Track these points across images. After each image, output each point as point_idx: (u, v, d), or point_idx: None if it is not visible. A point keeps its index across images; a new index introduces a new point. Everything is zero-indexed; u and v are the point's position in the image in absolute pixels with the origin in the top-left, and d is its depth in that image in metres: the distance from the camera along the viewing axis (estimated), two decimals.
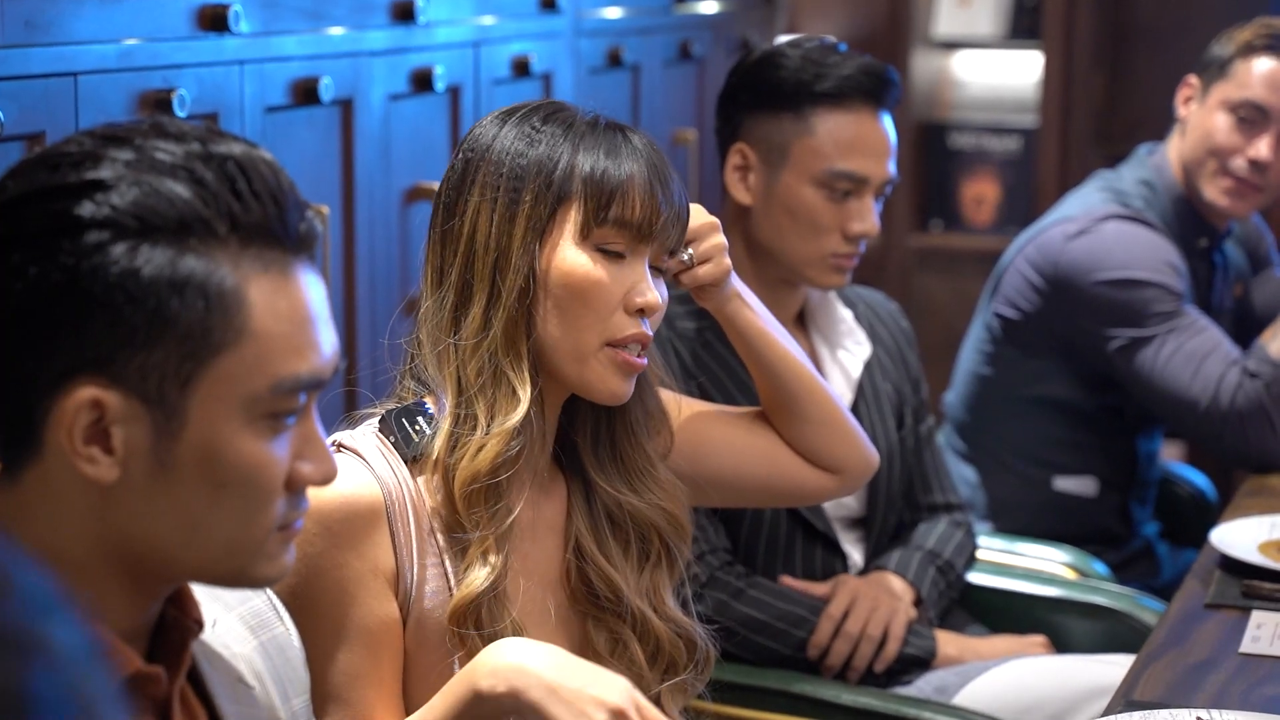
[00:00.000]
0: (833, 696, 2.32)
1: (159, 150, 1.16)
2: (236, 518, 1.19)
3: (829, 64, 2.44)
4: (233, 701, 1.32)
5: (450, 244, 1.69)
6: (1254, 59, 3.05)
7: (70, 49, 1.90)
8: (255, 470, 1.18)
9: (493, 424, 1.65)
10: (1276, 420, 2.85)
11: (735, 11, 3.76)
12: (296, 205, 1.20)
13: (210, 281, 1.14)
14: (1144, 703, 1.90)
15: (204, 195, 1.15)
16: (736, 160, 2.48)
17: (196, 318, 1.14)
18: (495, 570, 1.63)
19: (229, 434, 1.17)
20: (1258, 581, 2.26)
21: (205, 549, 1.19)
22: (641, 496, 1.76)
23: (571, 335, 1.67)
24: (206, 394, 1.16)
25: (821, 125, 2.42)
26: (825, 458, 1.94)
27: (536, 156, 1.67)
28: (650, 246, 1.69)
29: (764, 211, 2.46)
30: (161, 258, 1.13)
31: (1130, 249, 2.96)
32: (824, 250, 2.42)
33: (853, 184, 2.42)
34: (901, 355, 2.62)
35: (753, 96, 2.48)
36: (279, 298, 1.18)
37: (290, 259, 1.19)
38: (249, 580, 1.24)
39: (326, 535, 1.62)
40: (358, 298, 2.44)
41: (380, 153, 2.48)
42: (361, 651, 1.63)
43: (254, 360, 1.16)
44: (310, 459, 1.22)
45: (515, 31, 2.84)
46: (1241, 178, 3.04)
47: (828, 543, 2.49)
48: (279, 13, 2.24)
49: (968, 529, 2.65)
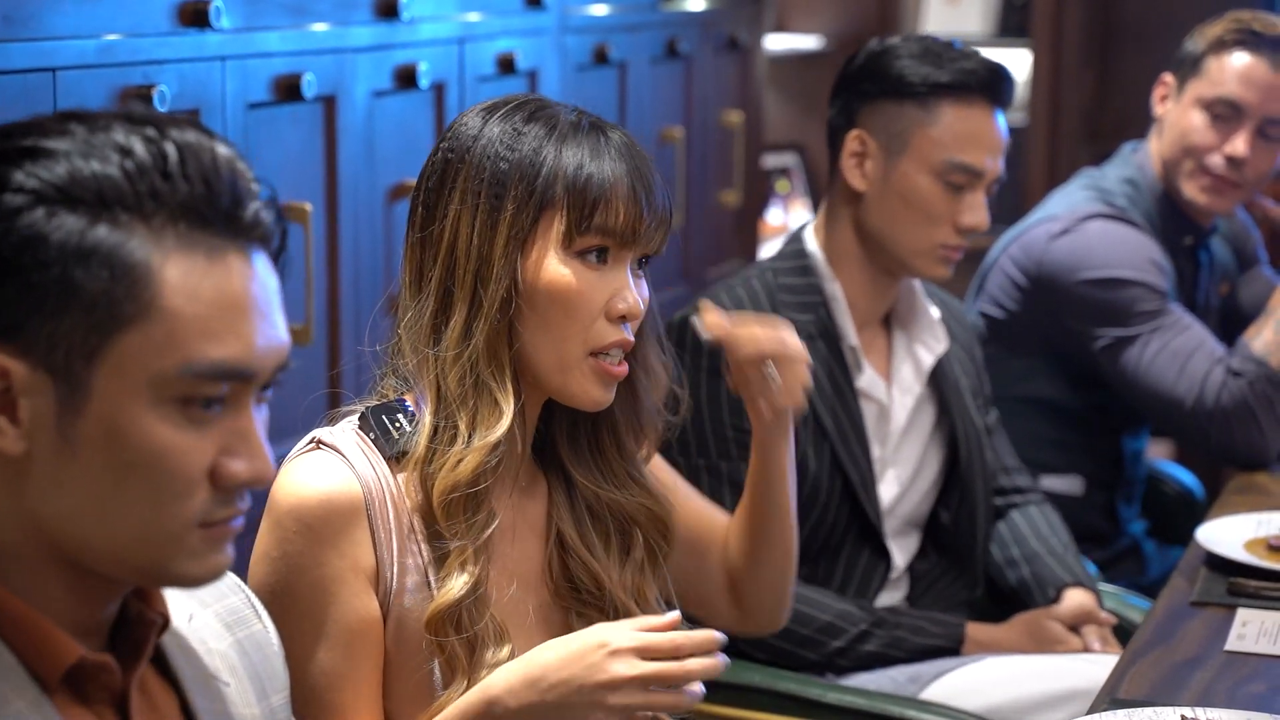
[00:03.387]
0: (818, 695, 2.32)
1: (112, 130, 1.16)
2: (145, 504, 1.16)
3: (951, 57, 2.49)
4: (206, 697, 1.31)
5: (430, 249, 1.68)
6: (1226, 55, 3.03)
7: (49, 44, 1.89)
8: (161, 454, 1.15)
9: (474, 436, 1.63)
10: (1262, 418, 2.84)
11: (723, 9, 3.76)
12: (237, 191, 1.18)
13: (118, 253, 1.14)
14: (1129, 700, 1.89)
15: (130, 172, 1.15)
16: (855, 146, 2.51)
17: (101, 288, 1.13)
18: (472, 579, 1.62)
19: (134, 413, 1.15)
20: (1243, 579, 2.25)
21: (116, 536, 1.17)
22: (621, 492, 1.75)
23: (555, 345, 1.66)
24: (112, 369, 1.14)
25: (944, 117, 2.47)
26: (750, 597, 1.98)
27: (518, 161, 1.65)
28: (633, 251, 1.68)
29: (878, 199, 2.49)
30: (72, 225, 1.13)
31: (1114, 248, 2.96)
32: (935, 240, 2.47)
33: (968, 177, 2.47)
34: (970, 351, 2.69)
35: (875, 85, 2.52)
36: (202, 279, 1.16)
37: (224, 244, 1.17)
38: (172, 577, 1.20)
39: (306, 533, 1.61)
40: (341, 295, 2.43)
41: (364, 150, 2.47)
42: (342, 650, 1.62)
43: (163, 339, 1.15)
44: (241, 455, 1.19)
45: (500, 28, 2.83)
46: (1219, 175, 3.04)
47: (876, 545, 2.50)
48: (261, 8, 2.23)
49: (1047, 503, 2.76)
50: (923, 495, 2.57)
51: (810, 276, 2.50)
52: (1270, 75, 3.01)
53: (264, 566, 1.63)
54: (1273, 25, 3.06)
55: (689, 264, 3.59)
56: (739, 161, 3.79)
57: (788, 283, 2.50)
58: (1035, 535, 2.65)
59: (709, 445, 2.41)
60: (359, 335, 2.39)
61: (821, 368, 2.45)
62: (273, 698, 1.40)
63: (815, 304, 2.48)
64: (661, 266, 3.42)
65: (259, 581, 1.63)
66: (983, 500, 2.58)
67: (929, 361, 2.56)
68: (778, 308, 2.47)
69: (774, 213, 4.80)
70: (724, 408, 2.41)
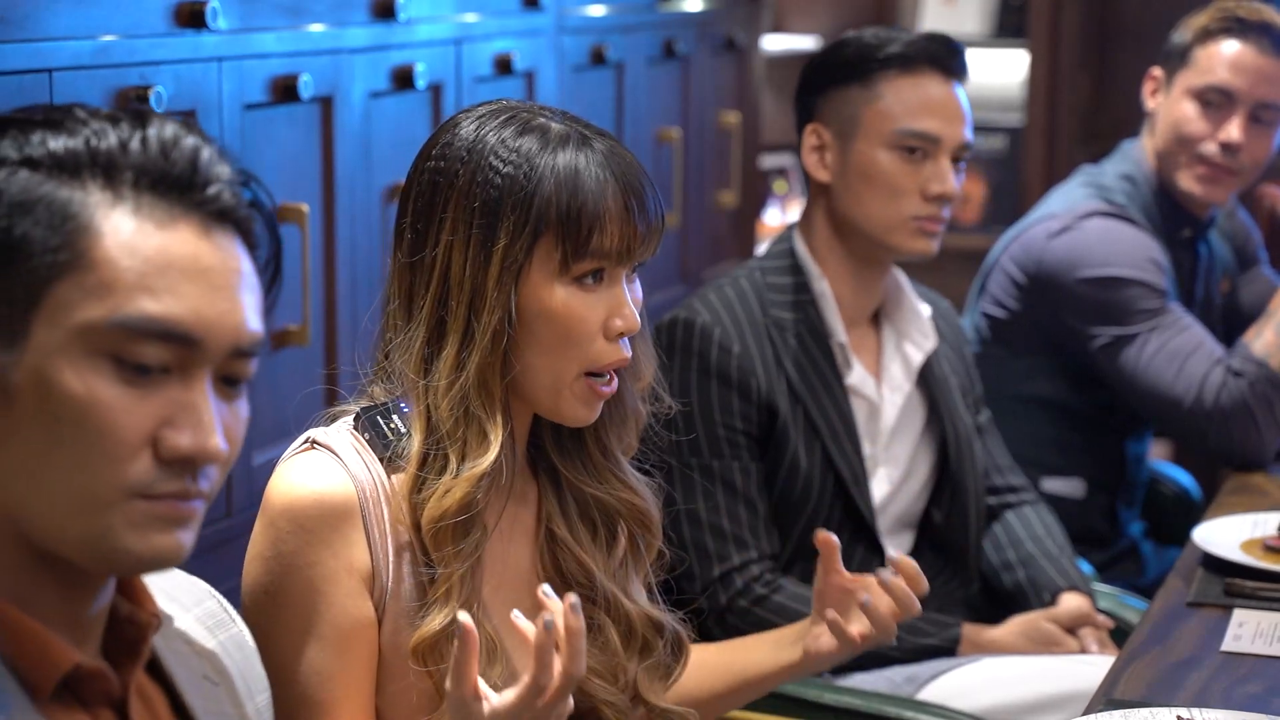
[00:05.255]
0: (815, 696, 2.32)
1: (93, 120, 1.18)
2: (77, 462, 1.15)
3: (892, 37, 2.51)
4: (200, 697, 1.31)
5: (421, 275, 1.66)
6: (1213, 43, 3.04)
7: (46, 45, 1.89)
8: (89, 408, 1.14)
9: (462, 467, 1.63)
10: (1261, 418, 2.84)
11: (720, 9, 3.76)
12: (198, 166, 1.19)
13: (60, 205, 1.15)
14: (1125, 701, 1.89)
15: (94, 145, 1.17)
16: (812, 141, 2.54)
17: (40, 236, 1.14)
18: (457, 607, 1.60)
19: (63, 363, 1.14)
20: (1240, 580, 2.25)
21: (52, 499, 1.15)
22: (604, 487, 1.75)
23: (551, 367, 1.65)
24: (46, 319, 1.14)
25: (888, 90, 2.48)
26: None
27: (508, 189, 1.63)
28: (628, 266, 1.68)
29: (843, 185, 2.51)
30: (23, 182, 1.15)
31: (1113, 246, 2.96)
32: (904, 213, 2.47)
33: (924, 143, 2.47)
34: (959, 350, 2.68)
35: (821, 76, 2.55)
36: (146, 239, 1.16)
37: (180, 213, 1.17)
38: (114, 552, 1.17)
39: (300, 533, 1.61)
40: (338, 296, 2.43)
41: (361, 151, 2.47)
42: (334, 650, 1.61)
43: (94, 287, 1.14)
44: (184, 428, 1.17)
45: (497, 29, 2.83)
46: (1215, 163, 3.04)
47: (869, 543, 2.50)
48: (258, 9, 2.23)
49: (1042, 503, 2.76)
50: (915, 494, 2.58)
51: (798, 275, 2.51)
52: (1259, 59, 3.02)
53: (258, 566, 1.63)
54: (1258, 11, 3.07)
55: (686, 265, 3.59)
56: (736, 162, 3.79)
57: (776, 281, 2.51)
58: (1031, 538, 2.65)
59: (701, 445, 2.41)
60: (355, 336, 2.39)
61: (811, 366, 2.46)
62: (258, 698, 1.41)
63: (804, 302, 2.49)
64: (659, 267, 3.42)
65: (253, 581, 1.63)
66: (975, 499, 2.58)
67: (918, 359, 2.56)
68: (766, 307, 2.47)
69: (771, 213, 4.80)
70: (715, 408, 2.41)
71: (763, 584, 2.39)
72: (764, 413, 2.43)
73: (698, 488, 2.38)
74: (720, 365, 2.42)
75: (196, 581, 1.43)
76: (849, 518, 2.48)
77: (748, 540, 2.40)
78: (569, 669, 1.50)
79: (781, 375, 2.44)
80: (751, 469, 2.42)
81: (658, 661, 1.77)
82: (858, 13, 4.92)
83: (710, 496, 2.39)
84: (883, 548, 2.50)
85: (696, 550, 2.39)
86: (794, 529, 2.45)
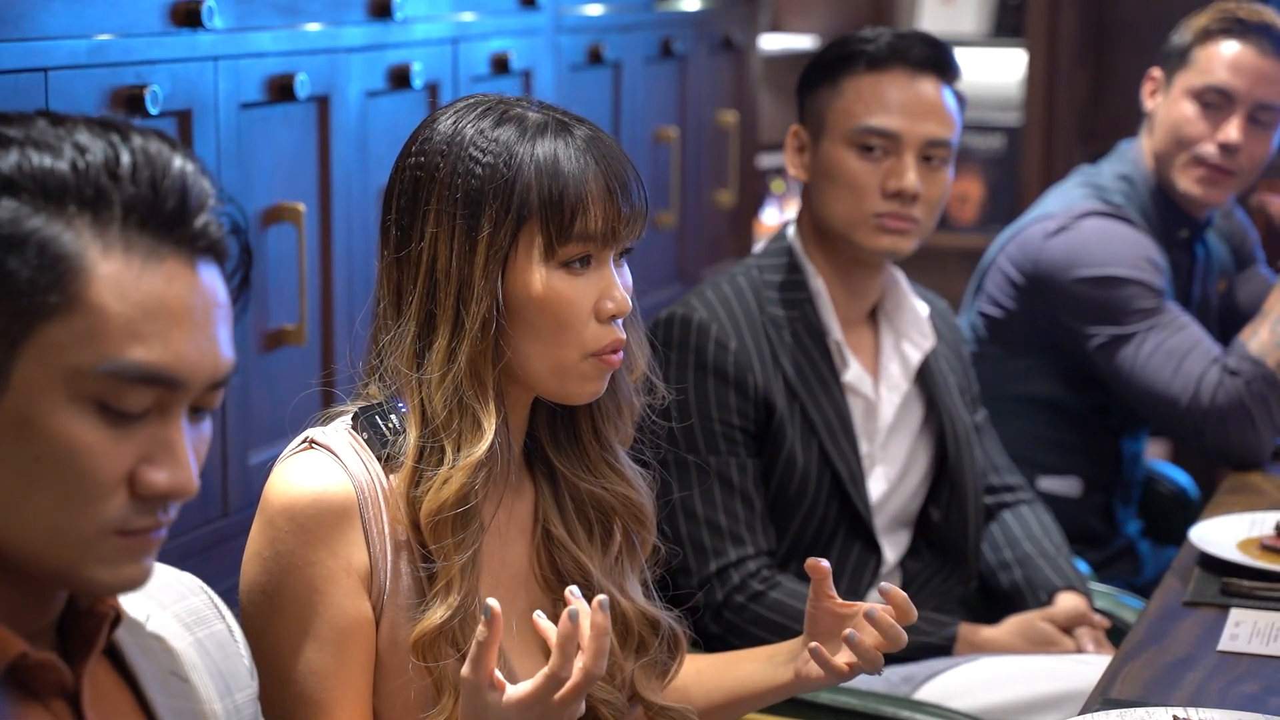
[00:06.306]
0: (811, 695, 2.32)
1: (76, 130, 1.16)
2: (56, 502, 1.14)
3: (872, 36, 2.53)
4: (164, 693, 1.31)
5: (408, 271, 1.66)
6: (1213, 44, 3.05)
7: (41, 44, 1.88)
8: (72, 452, 1.14)
9: (458, 457, 1.63)
10: (1258, 417, 2.85)
11: (717, 9, 3.75)
12: (186, 199, 1.17)
13: (50, 243, 1.13)
14: (1121, 701, 1.89)
15: (79, 168, 1.14)
16: (793, 142, 2.57)
17: (28, 276, 1.12)
18: (456, 602, 1.61)
19: (47, 405, 1.13)
20: (1237, 579, 2.25)
21: (28, 533, 1.15)
22: (599, 482, 1.75)
23: (550, 353, 1.66)
24: (32, 359, 1.13)
25: (850, 88, 2.50)
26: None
27: (489, 176, 1.63)
28: (614, 249, 1.68)
29: (814, 184, 2.54)
30: (8, 213, 1.13)
31: (1109, 246, 2.96)
32: (865, 210, 2.47)
33: (884, 140, 2.47)
34: (957, 350, 2.69)
35: (804, 78, 2.58)
36: (136, 281, 1.15)
37: (166, 249, 1.16)
38: (83, 582, 1.18)
39: (298, 532, 1.61)
40: (334, 295, 2.43)
41: (357, 150, 2.47)
42: (332, 650, 1.61)
43: (84, 333, 1.13)
44: (163, 465, 1.17)
45: (494, 28, 2.83)
46: (1214, 164, 3.04)
47: (866, 540, 2.50)
48: (254, 8, 2.23)
49: (1039, 503, 2.76)
50: (912, 493, 2.58)
51: (795, 273, 2.51)
52: (1259, 60, 3.02)
53: (256, 565, 1.62)
54: (1258, 13, 3.07)
55: (684, 264, 3.59)
56: (734, 161, 3.79)
57: (772, 279, 2.51)
58: (1028, 537, 2.66)
59: (697, 441, 2.41)
60: (352, 335, 2.38)
61: (808, 363, 2.46)
62: (236, 695, 1.40)
63: (800, 300, 2.49)
64: (656, 266, 3.43)
65: (250, 580, 1.63)
66: (973, 498, 2.59)
67: (916, 358, 2.56)
68: (763, 304, 2.48)
69: (769, 213, 4.80)
70: (712, 403, 2.41)
71: (759, 580, 2.39)
72: (761, 409, 2.43)
73: (694, 484, 2.39)
74: (717, 361, 2.43)
75: (184, 578, 1.42)
76: (845, 515, 2.48)
77: (744, 536, 2.40)
78: (589, 667, 1.50)
79: (778, 372, 2.44)
80: (748, 465, 2.43)
81: (654, 659, 1.77)
82: (855, 12, 4.92)
83: (707, 492, 2.39)
84: (879, 546, 2.50)
85: (693, 546, 2.40)
86: (790, 526, 2.46)
